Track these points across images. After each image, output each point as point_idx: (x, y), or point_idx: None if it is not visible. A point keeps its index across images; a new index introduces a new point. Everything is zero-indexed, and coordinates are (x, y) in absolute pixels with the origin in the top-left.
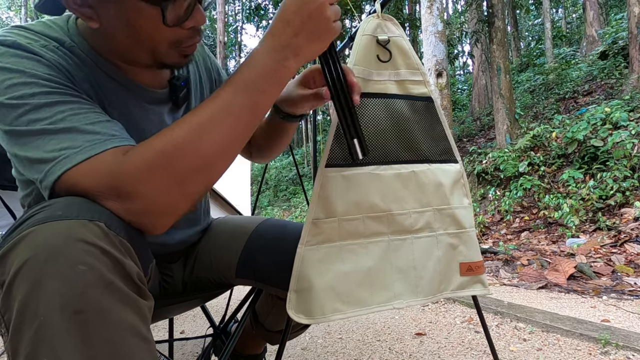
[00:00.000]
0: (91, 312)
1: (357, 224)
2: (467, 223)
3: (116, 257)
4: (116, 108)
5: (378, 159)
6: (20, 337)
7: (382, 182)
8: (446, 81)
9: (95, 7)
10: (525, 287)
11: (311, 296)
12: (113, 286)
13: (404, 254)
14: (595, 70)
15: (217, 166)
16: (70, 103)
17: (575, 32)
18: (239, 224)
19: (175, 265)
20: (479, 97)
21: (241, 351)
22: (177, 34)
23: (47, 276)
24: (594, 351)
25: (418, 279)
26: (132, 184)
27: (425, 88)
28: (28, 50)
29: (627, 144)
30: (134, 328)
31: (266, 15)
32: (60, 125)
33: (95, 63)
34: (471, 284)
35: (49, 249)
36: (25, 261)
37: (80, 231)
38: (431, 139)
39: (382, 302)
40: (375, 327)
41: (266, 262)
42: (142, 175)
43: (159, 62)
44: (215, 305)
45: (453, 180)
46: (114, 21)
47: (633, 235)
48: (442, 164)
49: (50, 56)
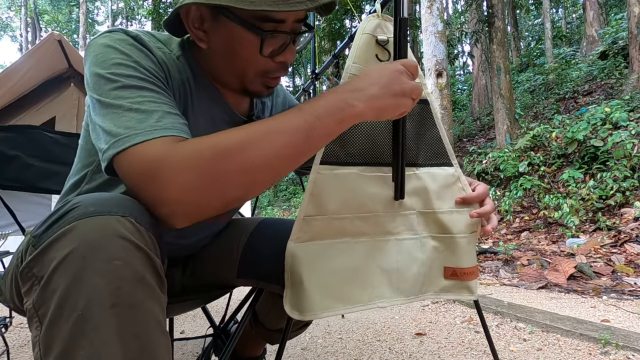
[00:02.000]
0: (125, 305)
1: (346, 223)
2: (456, 228)
3: (147, 253)
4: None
5: (367, 160)
6: (57, 330)
7: (369, 183)
8: (446, 81)
9: (209, 31)
10: (525, 287)
11: (303, 292)
12: (144, 281)
13: (387, 254)
14: (595, 70)
15: (259, 178)
16: (154, 92)
17: (575, 32)
18: (238, 225)
19: (173, 269)
20: (479, 97)
21: (241, 352)
22: (267, 64)
23: (86, 271)
24: (594, 351)
25: (400, 280)
26: (172, 170)
27: (422, 90)
28: (144, 44)
29: (627, 144)
30: (159, 322)
31: None
32: (135, 106)
33: (197, 73)
34: (456, 289)
35: (87, 245)
36: (64, 257)
37: (116, 227)
38: (424, 143)
39: (368, 300)
40: (375, 327)
41: (267, 260)
42: (185, 163)
43: (243, 87)
44: (215, 306)
45: (443, 184)
46: (220, 44)
47: (633, 235)
48: (432, 167)
49: (159, 55)
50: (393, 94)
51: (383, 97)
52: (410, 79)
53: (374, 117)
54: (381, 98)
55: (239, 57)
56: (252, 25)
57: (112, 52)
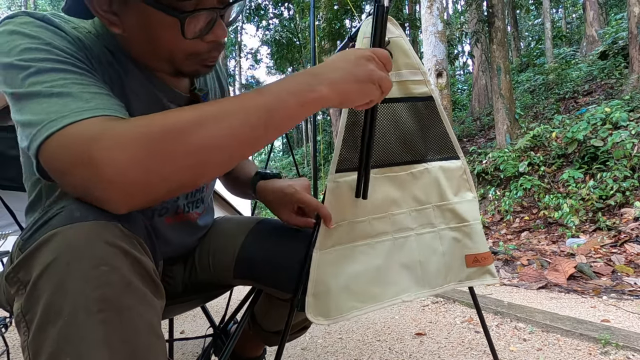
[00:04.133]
0: (112, 311)
1: (365, 226)
2: (470, 216)
3: (136, 257)
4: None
5: (378, 162)
6: (44, 337)
7: (382, 184)
8: (446, 81)
9: (119, 14)
10: (525, 287)
11: (329, 298)
12: (132, 286)
13: (408, 250)
14: (595, 70)
15: (212, 160)
16: (76, 74)
17: (575, 32)
18: (236, 224)
19: (175, 267)
20: (479, 97)
21: (240, 353)
22: (197, 46)
23: (71, 277)
24: (594, 351)
25: (424, 272)
26: (108, 149)
27: (426, 87)
28: (54, 24)
29: (627, 144)
30: (150, 326)
31: (266, 15)
32: (57, 89)
33: (122, 54)
34: (479, 275)
35: (73, 251)
36: (49, 263)
37: (102, 232)
38: (431, 138)
39: (392, 296)
40: (375, 327)
41: (262, 263)
42: (125, 140)
43: (176, 70)
44: (215, 306)
45: (453, 176)
46: (135, 29)
47: (633, 235)
48: (441, 161)
49: (75, 35)
50: (356, 80)
51: (346, 81)
52: (380, 68)
53: (338, 103)
54: (344, 82)
55: (160, 42)
56: (166, 7)
57: (19, 38)
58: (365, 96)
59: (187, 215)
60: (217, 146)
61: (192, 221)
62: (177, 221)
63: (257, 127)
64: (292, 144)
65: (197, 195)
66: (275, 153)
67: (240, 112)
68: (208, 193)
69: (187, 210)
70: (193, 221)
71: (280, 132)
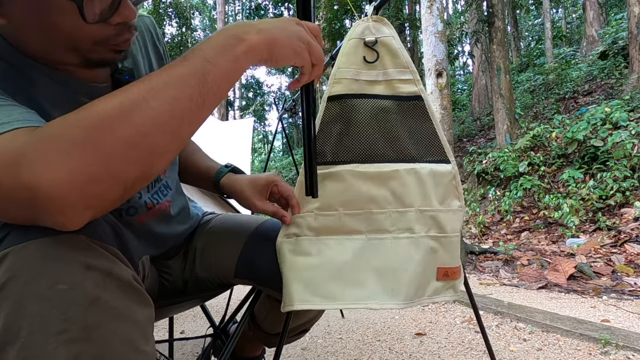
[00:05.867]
0: (76, 330)
1: (334, 220)
2: (450, 228)
3: (104, 269)
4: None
5: (360, 157)
6: (4, 358)
7: (363, 179)
8: (446, 81)
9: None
10: (525, 287)
11: (285, 285)
12: (100, 301)
13: (383, 254)
14: (595, 70)
15: (155, 144)
16: None
17: (575, 32)
18: (238, 224)
19: (172, 262)
20: (479, 97)
21: (240, 353)
22: (103, 31)
23: (27, 298)
24: (594, 351)
25: (396, 281)
26: (39, 161)
27: (415, 87)
28: None
29: (627, 144)
30: (126, 342)
31: (266, 15)
32: None
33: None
34: (444, 289)
35: (29, 271)
36: (3, 284)
37: (59, 250)
38: (419, 139)
39: (355, 299)
40: (375, 327)
41: (264, 265)
42: (53, 147)
43: (85, 59)
44: (216, 305)
45: (442, 181)
46: (23, 16)
47: (633, 235)
48: (430, 163)
49: None
50: (285, 32)
51: (275, 30)
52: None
53: (268, 54)
54: (274, 31)
55: (59, 29)
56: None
57: None
58: (295, 53)
59: (159, 208)
60: (154, 129)
61: (165, 211)
62: (151, 216)
63: (194, 98)
64: (292, 144)
65: (158, 184)
66: (275, 153)
67: (170, 86)
68: (172, 177)
69: (157, 202)
70: (167, 210)
71: (220, 95)
